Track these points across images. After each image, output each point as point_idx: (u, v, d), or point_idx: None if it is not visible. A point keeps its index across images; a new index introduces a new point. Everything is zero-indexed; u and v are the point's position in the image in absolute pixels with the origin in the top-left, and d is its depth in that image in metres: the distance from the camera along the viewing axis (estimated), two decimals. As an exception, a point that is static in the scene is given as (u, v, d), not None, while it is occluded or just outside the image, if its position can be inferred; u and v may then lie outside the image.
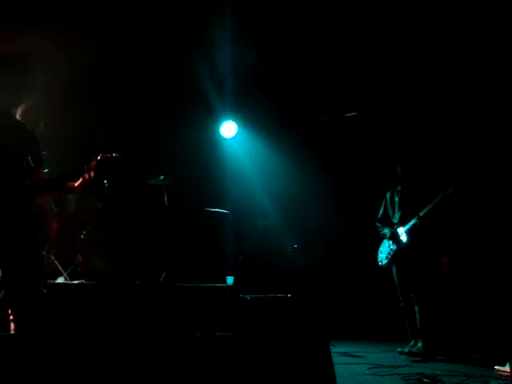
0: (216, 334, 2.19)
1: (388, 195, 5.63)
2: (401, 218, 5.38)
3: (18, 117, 3.16)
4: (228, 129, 7.41)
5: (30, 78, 3.15)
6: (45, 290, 3.02)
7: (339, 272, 7.20)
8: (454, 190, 4.91)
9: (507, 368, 3.86)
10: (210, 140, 7.36)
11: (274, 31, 6.36)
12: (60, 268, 5.11)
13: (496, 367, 4.36)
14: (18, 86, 3.12)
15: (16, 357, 1.91)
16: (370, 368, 4.50)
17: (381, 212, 5.67)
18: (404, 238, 5.24)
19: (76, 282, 4.85)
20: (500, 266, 4.55)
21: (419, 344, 5.10)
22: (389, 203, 5.60)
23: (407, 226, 5.24)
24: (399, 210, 5.43)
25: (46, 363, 1.93)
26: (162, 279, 5.54)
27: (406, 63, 6.44)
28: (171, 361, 2.06)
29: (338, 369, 4.40)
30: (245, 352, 2.18)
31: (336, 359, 4.94)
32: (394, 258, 5.35)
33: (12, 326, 2.91)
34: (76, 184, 3.21)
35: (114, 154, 3.20)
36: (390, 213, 5.55)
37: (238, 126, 7.42)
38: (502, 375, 4.18)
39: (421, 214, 5.11)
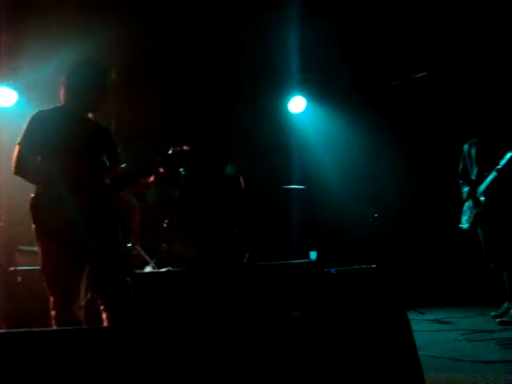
0: (300, 314, 2.22)
1: (466, 148, 5.31)
2: (478, 174, 5.07)
3: (89, 115, 3.30)
4: (297, 104, 7.35)
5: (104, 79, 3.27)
6: (128, 279, 3.15)
7: (423, 238, 7.02)
8: None
9: None
10: (280, 116, 7.34)
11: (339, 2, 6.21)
12: (147, 258, 5.31)
13: None
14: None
15: (109, 350, 2.00)
16: (464, 334, 4.39)
17: (460, 167, 5.36)
18: (483, 197, 4.95)
19: (163, 269, 5.03)
20: None
21: (511, 311, 4.88)
22: (467, 157, 5.29)
23: (484, 184, 4.93)
24: (476, 164, 5.12)
25: (140, 354, 2.01)
26: (245, 260, 5.63)
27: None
28: (262, 341, 2.10)
29: (429, 336, 4.40)
30: (325, 328, 2.20)
31: (427, 326, 4.90)
32: (476, 220, 5.07)
33: (104, 315, 3.08)
34: (150, 179, 3.32)
35: (184, 148, 3.28)
36: (469, 168, 5.25)
37: (307, 101, 7.34)
38: None
39: (499, 167, 4.74)
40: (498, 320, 4.88)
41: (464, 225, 5.23)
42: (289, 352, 2.10)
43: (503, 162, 4.73)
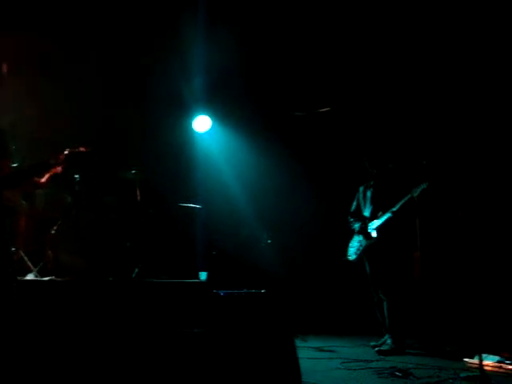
0: (185, 331, 2.19)
1: (361, 189, 5.63)
2: (372, 212, 5.39)
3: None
4: (201, 123, 7.35)
5: None
6: (15, 284, 2.94)
7: (313, 267, 7.23)
8: (427, 187, 4.94)
9: (476, 360, 3.93)
10: (183, 134, 7.30)
11: (248, 26, 6.35)
12: (30, 264, 5.00)
13: (465, 359, 4.44)
14: None
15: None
16: (343, 362, 4.53)
17: (353, 206, 5.67)
18: (374, 233, 5.26)
19: (46, 278, 4.76)
20: (471, 260, 4.62)
21: (388, 341, 5.13)
22: (361, 197, 5.60)
23: (379, 222, 5.25)
24: (371, 204, 5.43)
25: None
26: (134, 275, 5.47)
27: (381, 58, 6.49)
28: (141, 356, 2.04)
29: (311, 363, 4.49)
30: (212, 348, 2.18)
31: (309, 354, 5.00)
32: (365, 253, 5.36)
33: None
34: (43, 179, 3.15)
35: (81, 149, 3.15)
36: (362, 207, 5.55)
37: (212, 121, 7.37)
38: (470, 367, 4.27)
39: (394, 210, 5.12)
40: (376, 349, 5.10)
41: (351, 256, 5.48)
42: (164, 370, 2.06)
43: (398, 205, 5.10)
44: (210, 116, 7.35)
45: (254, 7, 6.22)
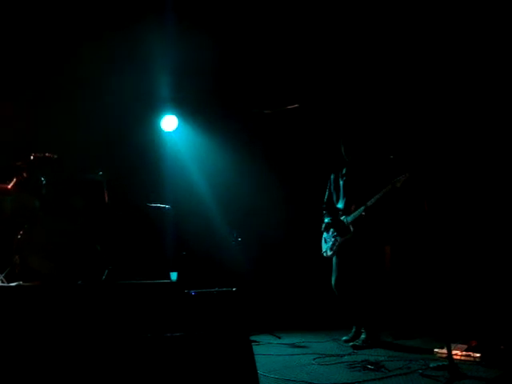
0: (146, 336, 2.19)
1: (332, 177, 5.50)
2: (345, 205, 5.27)
3: None
4: (168, 122, 7.31)
5: None
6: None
7: (283, 263, 7.27)
8: (404, 182, 4.86)
9: (445, 350, 4.02)
10: (151, 134, 7.25)
11: (214, 22, 6.33)
12: (-5, 270, 4.90)
13: (435, 350, 4.55)
14: None
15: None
16: (316, 358, 4.58)
17: (326, 195, 5.56)
18: (350, 228, 5.18)
19: (13, 284, 4.66)
20: (439, 251, 4.71)
21: (362, 336, 5.15)
22: (333, 187, 5.48)
23: (352, 216, 5.16)
24: (344, 196, 5.31)
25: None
26: (104, 277, 5.41)
27: (355, 51, 6.54)
28: (109, 360, 2.03)
29: (284, 360, 4.52)
30: (170, 351, 2.19)
31: (283, 350, 5.04)
32: (339, 247, 5.29)
33: None
34: (9, 186, 3.10)
35: (46, 154, 3.12)
36: (334, 198, 5.44)
37: (179, 120, 7.33)
38: (440, 357, 4.38)
39: (368, 204, 5.02)
40: (350, 344, 5.15)
41: (326, 253, 5.44)
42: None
43: (374, 199, 5.00)
44: (176, 115, 7.30)
45: (222, 5, 6.20)
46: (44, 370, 1.91)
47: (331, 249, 5.37)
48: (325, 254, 5.46)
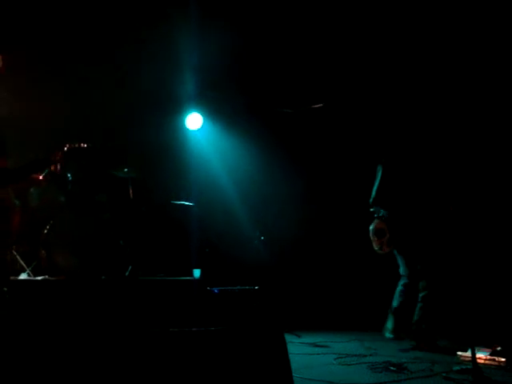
0: (175, 330, 2.19)
1: (379, 168, 5.38)
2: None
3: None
4: (193, 121, 7.34)
5: None
6: (5, 289, 2.92)
7: (306, 262, 7.24)
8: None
9: (468, 353, 3.97)
10: (176, 132, 7.29)
11: (240, 22, 6.35)
12: (23, 264, 4.99)
13: (458, 353, 4.48)
14: None
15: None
16: (337, 358, 4.55)
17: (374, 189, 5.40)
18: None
19: (40, 277, 4.75)
20: (467, 257, 4.63)
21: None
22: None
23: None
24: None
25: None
26: (127, 273, 5.47)
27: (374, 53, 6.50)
28: (136, 355, 2.04)
29: (305, 359, 4.50)
30: (203, 346, 2.19)
31: (304, 349, 5.01)
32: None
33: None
34: (41, 176, 3.13)
35: (81, 145, 3.15)
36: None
37: (204, 118, 7.36)
38: (463, 360, 4.31)
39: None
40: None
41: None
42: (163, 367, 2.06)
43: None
44: (201, 113, 7.33)
45: (246, 4, 6.21)
46: (68, 362, 1.93)
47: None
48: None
